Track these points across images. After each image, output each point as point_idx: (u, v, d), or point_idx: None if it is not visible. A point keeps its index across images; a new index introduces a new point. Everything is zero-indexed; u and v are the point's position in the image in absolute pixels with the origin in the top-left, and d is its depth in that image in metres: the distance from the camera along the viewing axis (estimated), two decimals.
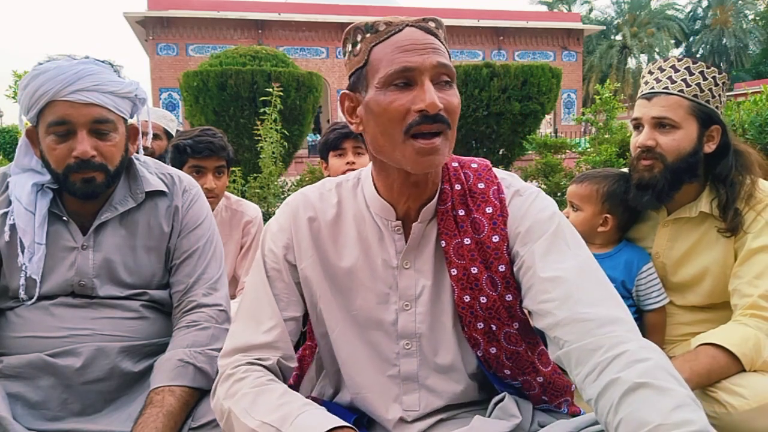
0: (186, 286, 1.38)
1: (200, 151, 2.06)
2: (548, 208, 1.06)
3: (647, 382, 0.80)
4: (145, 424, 1.11)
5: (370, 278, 1.08)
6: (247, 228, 2.28)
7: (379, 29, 0.97)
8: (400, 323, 1.08)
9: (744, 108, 4.14)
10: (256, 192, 5.66)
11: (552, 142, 8.05)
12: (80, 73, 1.23)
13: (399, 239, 1.08)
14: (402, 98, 0.94)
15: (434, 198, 1.07)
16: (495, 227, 1.05)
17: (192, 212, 1.43)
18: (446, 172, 1.09)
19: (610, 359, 0.86)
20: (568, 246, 1.01)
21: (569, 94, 25.62)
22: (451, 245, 1.05)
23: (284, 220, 1.12)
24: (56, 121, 1.23)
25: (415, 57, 0.94)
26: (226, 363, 1.07)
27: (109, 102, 1.27)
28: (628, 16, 34.67)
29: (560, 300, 0.94)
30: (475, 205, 1.07)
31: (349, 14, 23.01)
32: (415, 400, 1.08)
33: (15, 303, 1.29)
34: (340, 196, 1.13)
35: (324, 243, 1.10)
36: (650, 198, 1.54)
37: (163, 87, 21.07)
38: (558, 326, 0.93)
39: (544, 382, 1.10)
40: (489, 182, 1.09)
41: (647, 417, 0.77)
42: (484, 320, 1.05)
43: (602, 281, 0.98)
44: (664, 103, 1.49)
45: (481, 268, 1.04)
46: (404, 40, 0.95)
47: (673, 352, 1.59)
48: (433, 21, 1.00)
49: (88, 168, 1.26)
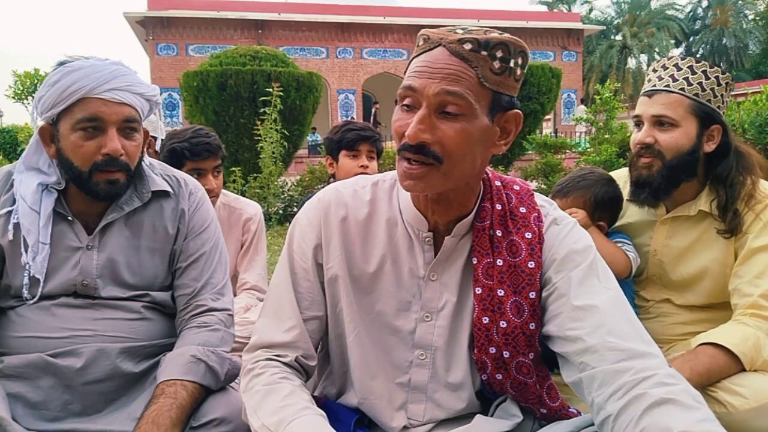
0: (193, 289, 1.38)
1: (199, 153, 2.04)
2: (584, 240, 1.05)
3: (673, 398, 0.81)
4: (160, 412, 1.11)
5: (394, 285, 1.07)
6: (247, 225, 2.27)
7: (419, 44, 0.95)
8: (418, 333, 1.07)
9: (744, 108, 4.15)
10: (256, 192, 5.67)
11: (552, 142, 8.06)
12: (114, 72, 1.26)
13: (428, 250, 1.07)
14: (404, 120, 0.94)
15: (471, 214, 1.05)
16: (532, 253, 1.03)
17: (199, 215, 1.44)
18: (488, 191, 1.07)
19: (639, 380, 0.85)
20: (600, 280, 1.00)
21: (569, 94, 25.62)
22: (481, 263, 1.04)
23: (314, 216, 1.10)
24: (88, 117, 1.24)
25: (421, 80, 0.90)
26: (248, 357, 1.09)
27: (137, 103, 1.30)
28: (628, 16, 34.64)
29: (592, 328, 0.93)
30: (515, 228, 1.05)
31: (349, 14, 23.01)
32: (420, 411, 1.08)
33: (17, 302, 1.29)
34: (375, 196, 1.11)
35: (352, 243, 1.08)
36: (648, 195, 1.54)
37: (163, 87, 21.02)
38: (586, 352, 0.92)
39: (547, 414, 1.08)
40: (530, 208, 1.07)
41: (671, 424, 0.77)
42: (498, 346, 1.03)
43: (633, 318, 0.97)
44: (664, 100, 1.50)
45: (509, 292, 1.02)
46: (425, 60, 0.92)
47: (673, 351, 1.59)
48: (473, 42, 0.90)
49: (114, 166, 1.27)
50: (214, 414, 1.19)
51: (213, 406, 1.21)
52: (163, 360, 1.26)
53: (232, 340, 1.38)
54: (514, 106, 0.97)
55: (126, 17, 22.00)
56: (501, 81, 0.92)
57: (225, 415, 1.19)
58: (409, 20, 23.57)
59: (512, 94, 0.96)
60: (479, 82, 0.90)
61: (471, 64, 0.89)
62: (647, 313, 1.69)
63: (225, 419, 1.18)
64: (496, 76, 0.91)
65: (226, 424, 1.18)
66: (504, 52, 0.91)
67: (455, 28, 0.93)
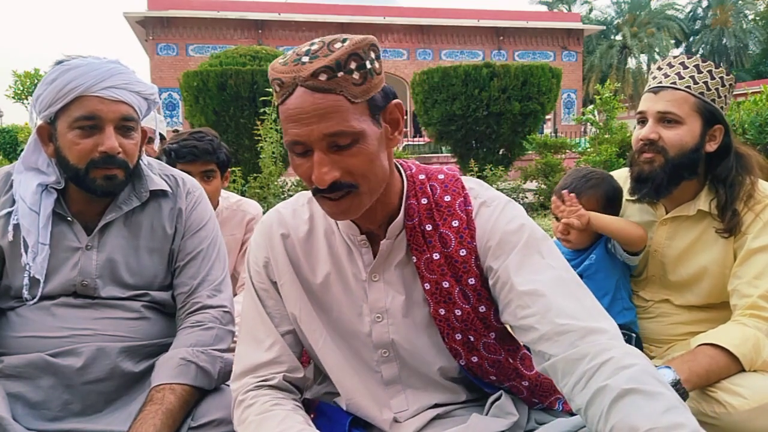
0: (190, 287, 1.38)
1: (183, 156, 2.05)
2: (517, 218, 1.04)
3: (635, 387, 0.80)
4: (144, 421, 1.11)
5: (342, 291, 1.09)
6: (251, 225, 2.30)
7: (276, 90, 0.92)
8: (374, 334, 1.08)
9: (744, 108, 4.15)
10: (256, 192, 5.67)
11: (552, 142, 8.06)
12: (112, 70, 1.26)
13: (366, 253, 1.08)
14: (304, 164, 0.93)
15: (399, 214, 1.06)
16: (462, 241, 1.04)
17: (196, 214, 1.44)
18: (412, 186, 1.08)
19: (597, 367, 0.85)
20: (542, 256, 1.00)
21: (569, 94, 25.62)
22: (421, 260, 1.05)
23: (260, 238, 1.13)
24: (85, 115, 1.24)
25: (301, 128, 0.89)
26: (237, 387, 1.08)
27: (135, 101, 1.30)
28: (628, 16, 34.65)
29: (540, 314, 0.93)
30: (442, 219, 1.05)
31: (349, 14, 23.03)
32: (403, 401, 1.09)
33: (17, 303, 1.29)
34: (312, 212, 1.13)
35: (298, 259, 1.11)
36: (649, 191, 1.54)
37: (163, 87, 21.05)
38: (541, 340, 0.93)
39: (530, 385, 1.10)
40: (455, 194, 1.07)
41: (638, 422, 0.77)
42: (462, 331, 1.05)
43: (580, 291, 0.97)
44: (670, 97, 1.49)
45: (452, 282, 1.04)
46: (292, 107, 0.89)
47: (672, 352, 1.59)
48: (326, 71, 0.87)
49: (112, 164, 1.27)
50: (213, 415, 1.19)
51: (212, 407, 1.22)
52: (156, 364, 1.27)
53: (229, 337, 1.38)
54: (390, 97, 0.97)
55: (126, 17, 22.02)
56: (367, 87, 0.91)
57: (225, 415, 1.18)
58: (409, 20, 23.59)
59: (381, 89, 0.95)
60: (350, 102, 0.89)
61: (334, 91, 0.88)
62: (647, 313, 1.69)
63: (225, 420, 1.18)
64: (361, 87, 0.90)
65: (225, 425, 1.18)
66: (357, 61, 0.89)
67: (300, 56, 0.90)
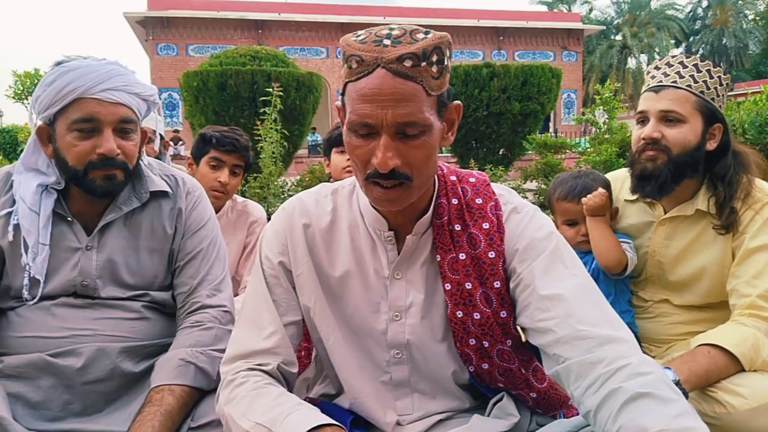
0: (190, 287, 1.38)
1: (224, 144, 2.15)
2: (545, 227, 1.05)
3: (649, 392, 0.80)
4: (142, 422, 1.11)
5: (361, 287, 1.08)
6: (252, 228, 2.31)
7: (352, 66, 0.90)
8: (389, 333, 1.08)
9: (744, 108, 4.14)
10: (256, 192, 5.66)
11: (552, 142, 8.05)
12: (110, 72, 1.26)
13: (391, 249, 1.07)
14: (364, 146, 0.93)
15: (429, 211, 1.06)
16: (491, 243, 1.04)
17: (195, 214, 1.44)
18: (443, 186, 1.08)
19: (613, 371, 0.85)
20: (566, 266, 1.01)
21: (569, 94, 25.63)
22: (446, 260, 1.05)
23: (280, 225, 1.12)
24: (83, 117, 1.24)
25: (375, 110, 0.88)
26: (227, 369, 1.07)
27: (134, 103, 1.30)
28: (628, 16, 34.64)
29: (560, 318, 0.94)
30: (472, 220, 1.06)
31: (349, 14, 23.03)
32: (408, 404, 1.09)
33: (17, 303, 1.29)
34: (336, 203, 1.12)
35: (318, 250, 1.10)
36: (652, 188, 1.53)
37: (163, 87, 21.05)
38: (558, 343, 0.93)
39: (538, 397, 1.10)
40: (486, 198, 1.08)
41: (648, 423, 0.77)
42: (477, 337, 1.04)
43: (601, 302, 0.98)
44: (672, 96, 1.50)
45: (476, 284, 1.04)
46: (369, 86, 0.88)
47: (672, 351, 1.59)
48: (412, 58, 0.87)
49: (111, 166, 1.27)
50: (213, 415, 1.18)
51: (212, 408, 1.20)
52: (155, 365, 1.26)
53: (227, 337, 1.37)
54: (451, 98, 0.99)
55: (126, 17, 22.02)
56: (441, 82, 0.92)
57: None
58: (409, 20, 23.55)
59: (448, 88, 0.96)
60: (426, 93, 0.90)
61: (416, 80, 0.88)
62: (646, 313, 1.70)
63: None
64: (437, 81, 0.91)
65: None
66: (439, 55, 0.90)
67: (381, 38, 0.89)
